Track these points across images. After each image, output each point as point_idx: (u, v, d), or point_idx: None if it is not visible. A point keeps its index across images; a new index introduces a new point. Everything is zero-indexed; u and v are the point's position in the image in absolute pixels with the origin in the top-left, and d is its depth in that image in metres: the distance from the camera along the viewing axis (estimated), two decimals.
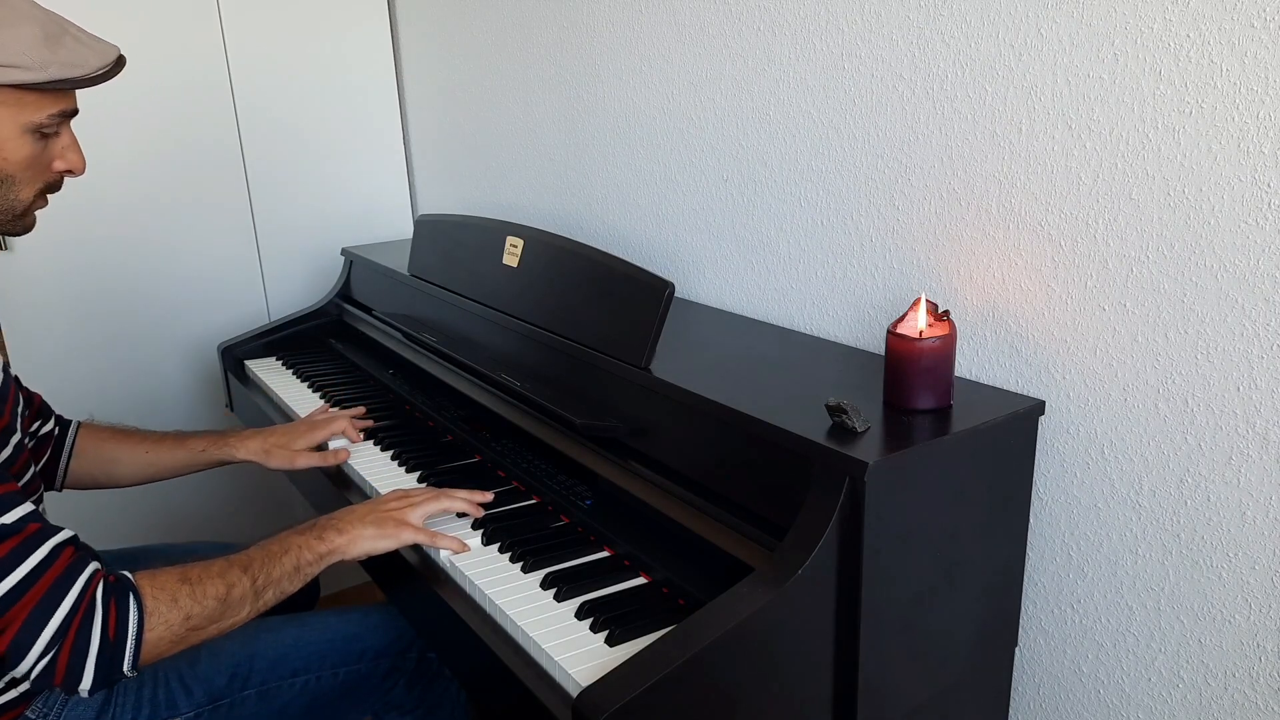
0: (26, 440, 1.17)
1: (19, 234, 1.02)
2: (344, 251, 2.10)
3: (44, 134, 0.96)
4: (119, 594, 0.90)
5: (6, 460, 0.97)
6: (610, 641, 0.94)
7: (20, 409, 1.12)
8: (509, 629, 1.00)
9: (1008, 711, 1.18)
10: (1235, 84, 0.85)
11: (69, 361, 2.00)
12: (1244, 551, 0.93)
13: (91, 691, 0.88)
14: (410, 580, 1.16)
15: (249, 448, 1.40)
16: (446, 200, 2.30)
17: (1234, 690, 0.98)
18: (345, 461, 1.41)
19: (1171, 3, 0.88)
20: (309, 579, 1.06)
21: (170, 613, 0.92)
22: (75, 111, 0.99)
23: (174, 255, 2.08)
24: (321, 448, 1.45)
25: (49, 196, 1.04)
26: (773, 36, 1.30)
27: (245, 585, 0.99)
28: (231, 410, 2.00)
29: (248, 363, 1.95)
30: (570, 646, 0.93)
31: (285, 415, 1.68)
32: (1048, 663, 1.15)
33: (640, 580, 1.06)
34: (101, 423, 1.39)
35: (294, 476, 1.53)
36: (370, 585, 2.42)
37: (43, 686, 0.90)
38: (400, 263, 1.85)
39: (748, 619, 0.83)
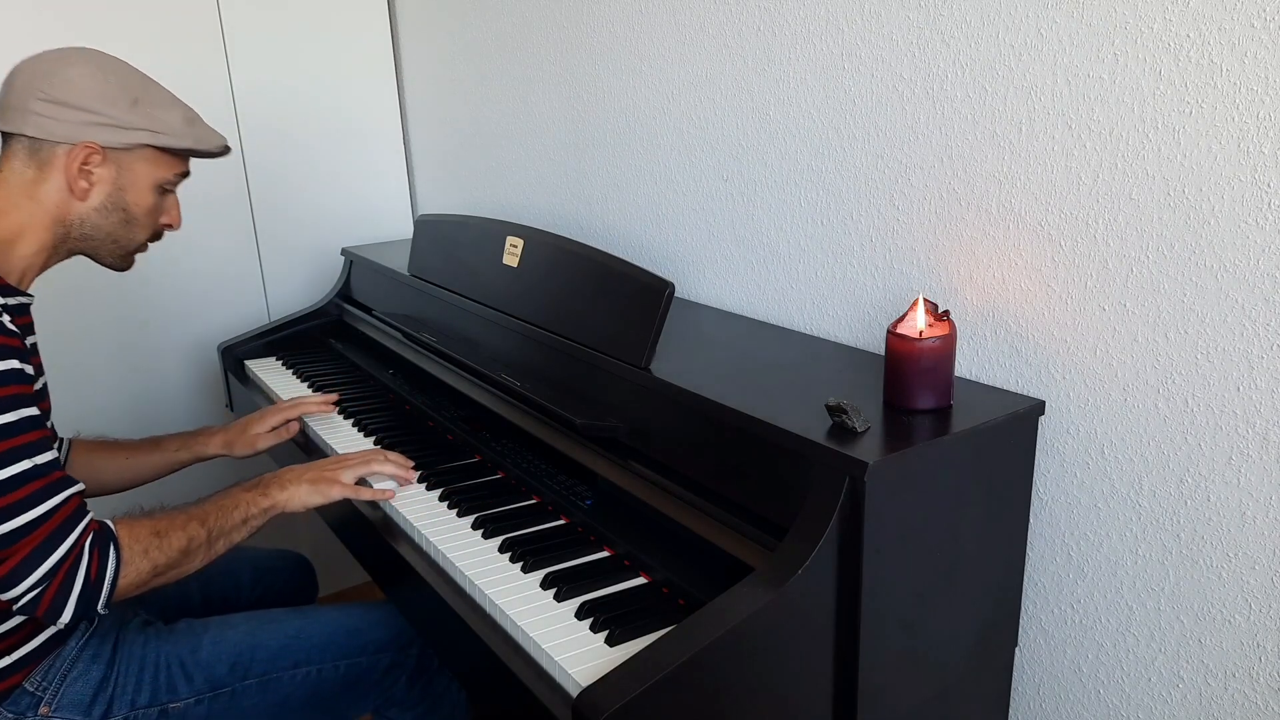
0: None
1: (122, 269, 1.25)
2: (344, 251, 2.10)
3: (164, 191, 1.21)
4: (101, 543, 1.04)
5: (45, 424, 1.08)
6: (610, 641, 0.94)
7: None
8: (509, 629, 1.00)
9: (1008, 711, 1.18)
10: (1235, 84, 0.85)
11: (69, 361, 1.99)
12: (1244, 551, 0.93)
13: (69, 624, 1.03)
14: (410, 580, 1.16)
15: (215, 443, 1.50)
16: (446, 200, 2.30)
17: (1234, 690, 0.98)
18: (294, 435, 1.55)
19: (1171, 3, 0.88)
20: (255, 530, 1.20)
21: (141, 562, 1.07)
22: (188, 174, 1.24)
23: (174, 255, 2.08)
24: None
25: (149, 245, 1.26)
26: (773, 36, 1.30)
27: (202, 537, 1.13)
28: (231, 410, 2.00)
29: (248, 363, 1.95)
30: (570, 646, 0.93)
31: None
32: (1048, 663, 1.15)
33: (640, 580, 1.06)
34: (87, 436, 1.44)
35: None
36: (370, 585, 2.42)
37: (26, 614, 1.03)
38: (400, 263, 1.85)
39: (748, 619, 0.83)
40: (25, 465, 0.99)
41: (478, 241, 1.57)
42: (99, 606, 1.03)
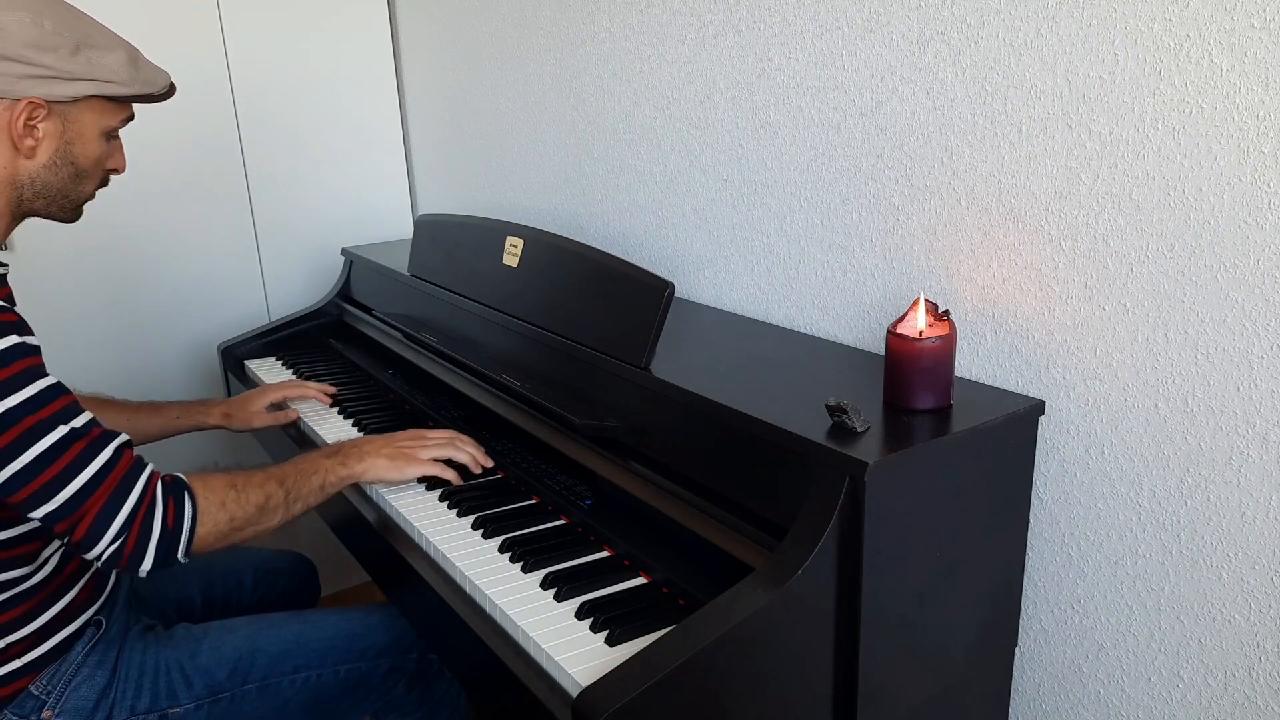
0: None
1: (70, 221, 1.18)
2: (344, 251, 2.10)
3: (110, 138, 1.15)
4: (176, 492, 1.05)
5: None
6: (610, 641, 0.94)
7: None
8: (509, 629, 1.00)
9: (1008, 711, 1.18)
10: (1235, 84, 0.85)
11: (69, 361, 1.99)
12: (1244, 551, 0.93)
13: (150, 572, 1.04)
14: (410, 580, 1.16)
15: (214, 414, 1.55)
16: (447, 200, 2.30)
17: (1234, 690, 0.98)
18: (297, 419, 1.59)
19: (1171, 3, 0.88)
20: (329, 498, 1.21)
21: (218, 513, 1.08)
22: (133, 117, 1.18)
23: (174, 255, 2.08)
24: (279, 408, 1.60)
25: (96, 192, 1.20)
26: (773, 36, 1.30)
27: (279, 496, 1.14)
28: None
29: (248, 363, 1.95)
30: (570, 646, 0.93)
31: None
32: (1048, 663, 1.15)
33: (640, 580, 1.06)
34: (82, 393, 1.40)
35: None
36: (371, 586, 2.42)
37: (110, 568, 1.05)
38: (400, 263, 1.85)
39: (748, 619, 0.83)
40: (63, 431, 0.98)
41: (478, 241, 1.57)
42: (179, 555, 1.04)
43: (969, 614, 1.04)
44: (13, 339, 0.97)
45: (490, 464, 1.32)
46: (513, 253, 1.47)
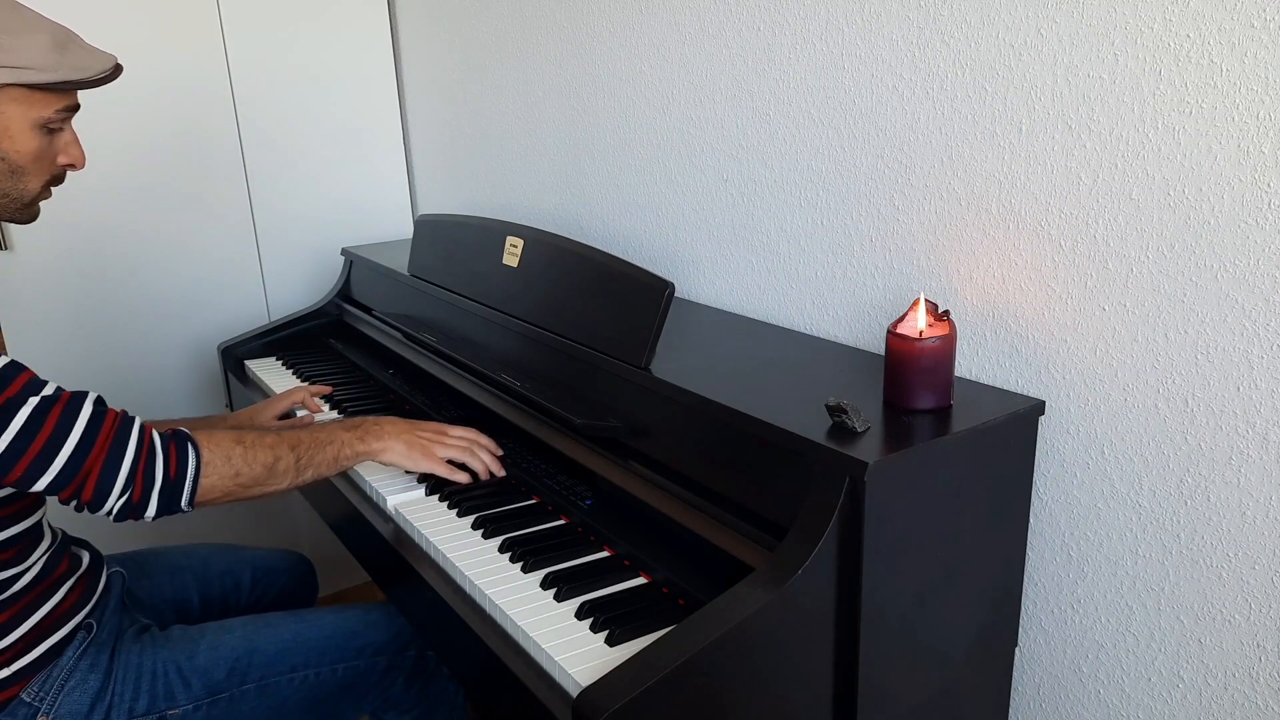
0: None
1: (25, 222, 1.13)
2: (344, 251, 2.10)
3: (50, 130, 1.07)
4: (178, 441, 1.06)
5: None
6: (610, 641, 0.94)
7: None
8: (508, 628, 1.00)
9: (1008, 711, 1.18)
10: (1235, 84, 0.85)
11: (69, 361, 1.99)
12: (1244, 551, 0.93)
13: (154, 518, 1.05)
14: (410, 580, 1.16)
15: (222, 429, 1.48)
16: (446, 200, 2.30)
17: (1234, 690, 0.98)
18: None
19: (1171, 3, 0.88)
20: (343, 470, 1.22)
21: (224, 466, 1.08)
22: (77, 107, 1.09)
23: (174, 255, 2.08)
24: (287, 418, 1.53)
25: (52, 190, 1.14)
26: (773, 36, 1.30)
27: (290, 460, 1.14)
28: (232, 410, 1.99)
29: (248, 363, 1.95)
30: (570, 646, 0.93)
31: (285, 415, 1.67)
32: (1048, 663, 1.15)
33: (640, 580, 1.06)
34: None
35: None
36: (370, 585, 2.42)
37: (121, 519, 1.04)
38: (400, 263, 1.85)
39: (748, 619, 0.83)
40: (34, 401, 0.98)
41: (478, 241, 1.57)
42: (182, 503, 1.05)
43: (969, 614, 1.04)
44: None
45: (503, 474, 1.31)
46: (513, 253, 1.47)
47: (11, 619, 1.09)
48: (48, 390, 1.00)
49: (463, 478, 1.27)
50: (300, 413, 1.58)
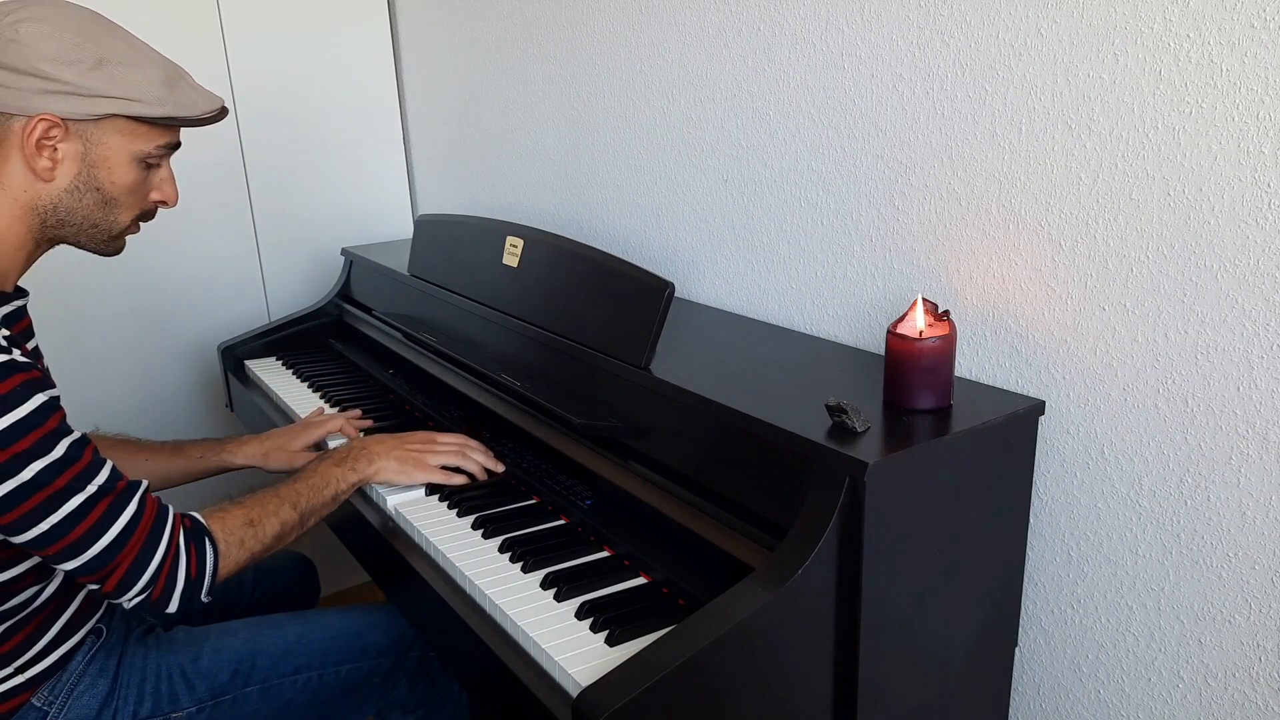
0: None
1: (110, 255, 1.12)
2: (344, 251, 2.10)
3: (148, 164, 1.07)
4: (197, 538, 1.05)
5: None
6: (610, 641, 0.94)
7: None
8: (509, 629, 1.00)
9: (1008, 711, 1.18)
10: (1235, 84, 0.85)
11: (69, 361, 1.99)
12: (1244, 551, 0.93)
13: (175, 612, 1.04)
14: (411, 581, 1.16)
15: (246, 453, 1.45)
16: (446, 200, 2.30)
17: (1234, 690, 0.98)
18: None
19: (1171, 3, 0.88)
20: (342, 503, 1.24)
21: (239, 553, 1.09)
22: (178, 145, 1.10)
23: (174, 255, 2.08)
24: (320, 447, 1.46)
25: (141, 225, 1.13)
26: (773, 36, 1.30)
27: (294, 519, 1.15)
28: (231, 410, 2.00)
29: (248, 363, 1.95)
30: (570, 646, 0.93)
31: (285, 415, 1.68)
32: (1048, 663, 1.15)
33: (640, 580, 1.06)
34: (105, 433, 1.40)
35: None
36: (371, 585, 2.42)
37: (138, 612, 1.04)
38: (400, 263, 1.85)
39: (748, 619, 0.83)
40: (91, 490, 0.96)
41: (478, 241, 1.57)
42: (202, 596, 1.05)
43: (969, 614, 1.04)
44: (40, 398, 0.93)
45: (501, 469, 1.32)
46: (513, 253, 1.47)
47: (33, 633, 1.09)
48: (103, 476, 0.98)
49: (460, 480, 1.28)
50: (333, 442, 1.46)
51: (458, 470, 1.29)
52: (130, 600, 1.01)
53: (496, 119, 2.00)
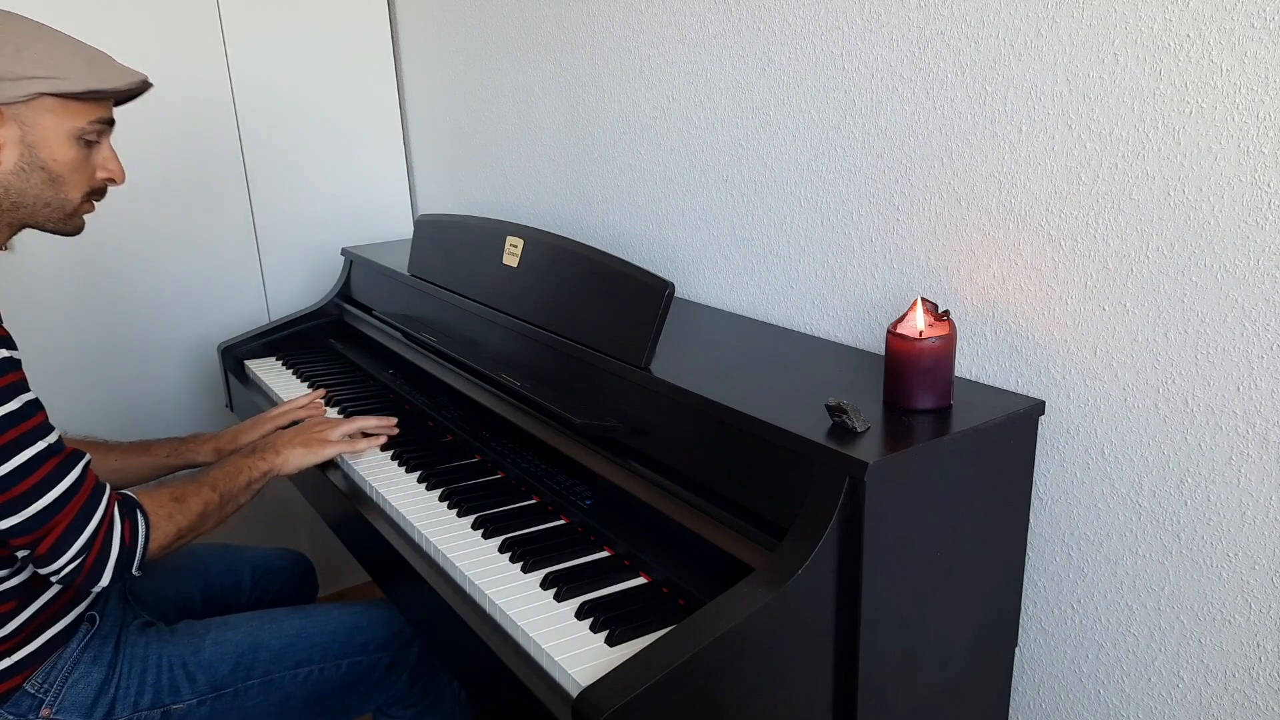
0: None
1: (70, 234, 1.17)
2: (344, 251, 2.10)
3: (87, 141, 1.11)
4: (129, 510, 1.09)
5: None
6: (610, 641, 0.94)
7: None
8: (509, 628, 1.00)
9: (1008, 711, 1.18)
10: (1235, 84, 0.85)
11: (68, 361, 2.00)
12: (1244, 551, 0.93)
13: (106, 587, 1.08)
14: (410, 580, 1.16)
15: (205, 450, 1.48)
16: (446, 200, 2.30)
17: (1234, 690, 0.98)
18: None
19: (1171, 3, 0.88)
20: (256, 494, 1.28)
21: (168, 526, 1.13)
22: (112, 121, 1.14)
23: (174, 255, 2.08)
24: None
25: (95, 203, 1.18)
26: (773, 36, 1.30)
27: (215, 501, 1.19)
28: (232, 410, 2.00)
29: (248, 363, 1.95)
30: (570, 646, 0.93)
31: None
32: (1048, 663, 1.15)
33: (640, 580, 1.06)
34: (74, 436, 1.41)
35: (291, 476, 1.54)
36: (370, 585, 2.42)
37: (68, 584, 1.05)
38: (400, 263, 1.85)
39: (748, 619, 0.83)
40: (40, 446, 1.00)
41: (478, 241, 1.57)
42: (133, 569, 1.08)
43: (969, 614, 1.04)
44: (2, 352, 0.98)
45: (393, 422, 1.44)
46: (513, 253, 1.47)
47: (10, 610, 1.09)
48: (52, 437, 1.02)
49: (365, 444, 1.39)
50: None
51: (363, 436, 1.41)
52: (62, 569, 1.02)
53: (496, 119, 2.00)
